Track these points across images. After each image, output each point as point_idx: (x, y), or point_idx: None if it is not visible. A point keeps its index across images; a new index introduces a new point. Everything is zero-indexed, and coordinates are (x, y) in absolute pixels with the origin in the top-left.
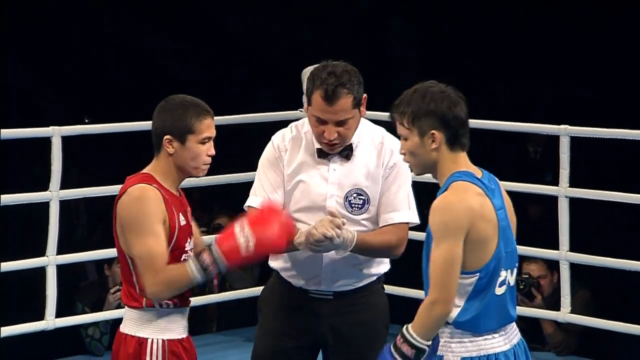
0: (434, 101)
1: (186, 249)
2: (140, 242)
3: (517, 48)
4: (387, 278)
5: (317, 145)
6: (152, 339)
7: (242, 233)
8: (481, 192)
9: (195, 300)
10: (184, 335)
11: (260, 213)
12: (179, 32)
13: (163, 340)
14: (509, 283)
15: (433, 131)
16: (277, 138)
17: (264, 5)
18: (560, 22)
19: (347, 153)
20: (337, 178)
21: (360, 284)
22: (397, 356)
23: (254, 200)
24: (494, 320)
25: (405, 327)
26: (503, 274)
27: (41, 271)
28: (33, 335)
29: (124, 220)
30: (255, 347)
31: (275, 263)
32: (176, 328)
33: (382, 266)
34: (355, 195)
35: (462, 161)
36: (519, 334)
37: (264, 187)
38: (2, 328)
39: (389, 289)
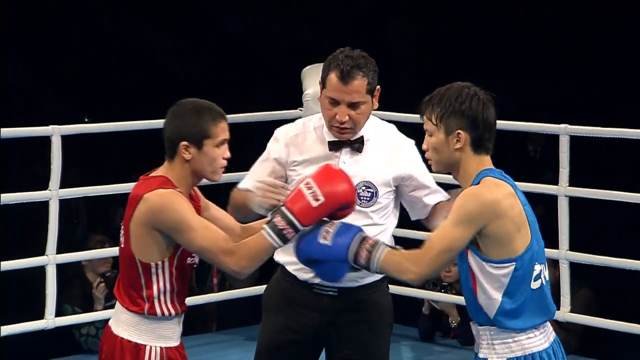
0: (466, 102)
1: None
2: (195, 237)
3: (517, 48)
4: (392, 277)
5: (329, 138)
6: (150, 346)
7: (308, 190)
8: (512, 191)
9: (195, 300)
10: (179, 342)
11: (322, 170)
12: (179, 32)
13: (161, 348)
14: (544, 278)
15: (459, 131)
16: (281, 132)
17: (264, 5)
18: (560, 22)
19: (358, 145)
20: (347, 171)
21: (365, 281)
22: (353, 251)
23: (244, 182)
24: (534, 315)
25: (382, 248)
26: (537, 267)
27: (41, 270)
28: (32, 335)
29: (164, 225)
30: (259, 343)
31: (281, 257)
32: (173, 335)
33: None
34: (363, 187)
35: (487, 164)
36: (553, 331)
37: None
38: (1, 327)
39: (393, 288)
